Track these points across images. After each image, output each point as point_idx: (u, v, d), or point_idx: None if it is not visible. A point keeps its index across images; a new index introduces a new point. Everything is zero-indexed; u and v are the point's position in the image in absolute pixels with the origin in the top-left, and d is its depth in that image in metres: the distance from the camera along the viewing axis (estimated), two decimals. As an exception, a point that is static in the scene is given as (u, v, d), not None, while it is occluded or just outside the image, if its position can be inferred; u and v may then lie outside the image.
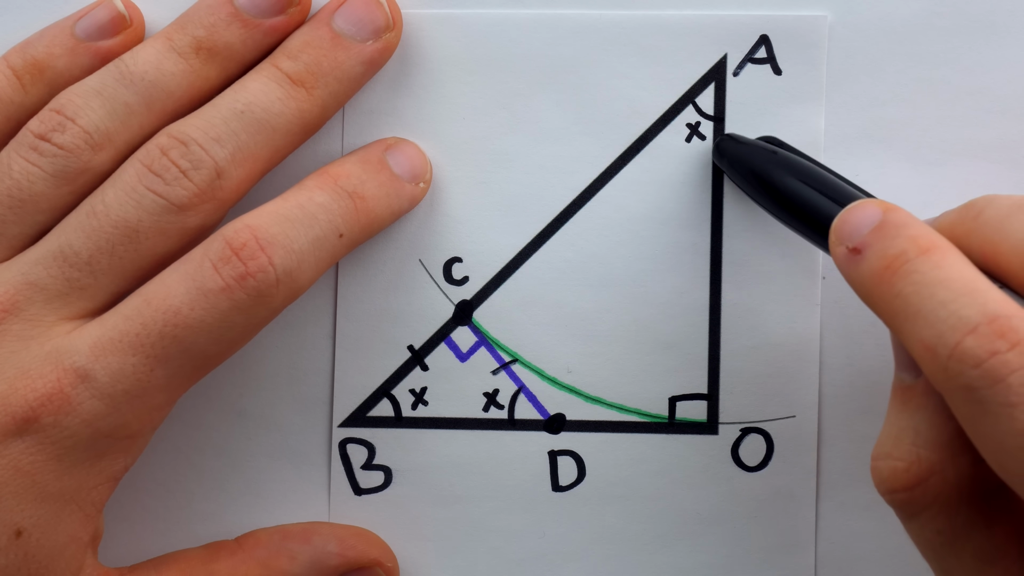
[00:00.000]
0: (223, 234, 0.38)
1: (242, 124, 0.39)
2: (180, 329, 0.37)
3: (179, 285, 0.37)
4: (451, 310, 0.43)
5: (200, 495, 0.43)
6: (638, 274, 0.43)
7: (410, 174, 0.41)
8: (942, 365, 0.31)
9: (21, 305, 0.38)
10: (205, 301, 0.37)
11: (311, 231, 0.38)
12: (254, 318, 0.37)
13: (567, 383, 0.43)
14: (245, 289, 0.37)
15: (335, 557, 0.42)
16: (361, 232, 0.40)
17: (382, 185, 0.40)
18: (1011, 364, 0.30)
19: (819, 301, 0.42)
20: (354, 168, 0.40)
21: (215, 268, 0.37)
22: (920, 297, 0.32)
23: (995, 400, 0.30)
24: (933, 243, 0.33)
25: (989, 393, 0.30)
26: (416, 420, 0.43)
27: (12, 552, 0.37)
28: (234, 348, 0.38)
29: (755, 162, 0.40)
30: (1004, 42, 0.42)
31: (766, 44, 0.42)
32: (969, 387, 0.31)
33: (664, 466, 0.43)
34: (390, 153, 0.41)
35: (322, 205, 0.39)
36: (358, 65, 0.40)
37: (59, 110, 0.39)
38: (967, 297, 0.31)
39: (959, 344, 0.31)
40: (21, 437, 0.37)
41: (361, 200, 0.40)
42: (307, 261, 0.38)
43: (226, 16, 0.40)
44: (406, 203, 0.41)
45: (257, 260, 0.37)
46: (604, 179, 0.43)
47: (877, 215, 0.34)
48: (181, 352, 0.37)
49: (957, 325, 0.31)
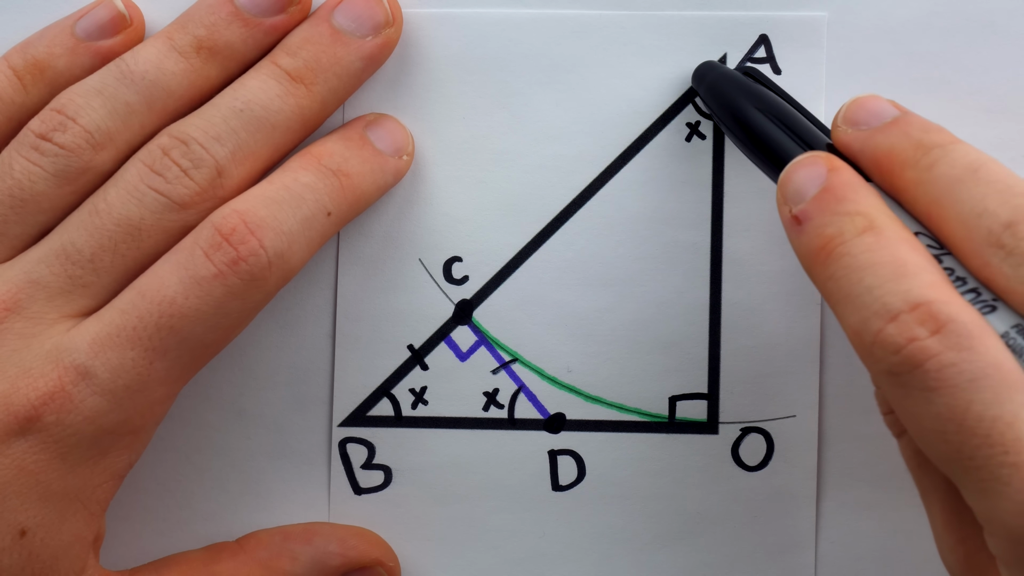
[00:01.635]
0: (212, 221, 0.38)
1: (241, 122, 0.39)
2: (176, 319, 0.37)
3: (172, 275, 0.37)
4: (451, 309, 0.43)
5: (200, 495, 0.43)
6: (638, 274, 0.43)
7: (392, 148, 0.41)
8: (867, 351, 0.32)
9: (23, 303, 0.38)
10: (199, 289, 0.37)
11: (299, 211, 0.38)
12: (249, 302, 0.38)
13: (567, 383, 0.43)
14: (238, 274, 0.37)
15: (336, 557, 0.42)
16: (349, 209, 0.40)
17: (365, 161, 0.41)
18: (929, 350, 0.31)
19: (820, 300, 0.42)
20: (336, 146, 0.40)
21: (206, 255, 0.37)
22: (850, 282, 0.33)
23: (915, 385, 0.31)
24: (871, 222, 0.33)
25: (909, 378, 0.31)
26: (416, 419, 0.43)
27: (16, 552, 0.37)
28: (232, 335, 0.38)
29: (728, 90, 0.40)
30: (1004, 42, 0.42)
31: (765, 44, 0.42)
32: (891, 372, 0.32)
33: (664, 466, 0.43)
34: (370, 129, 0.41)
35: (308, 185, 0.39)
36: (358, 61, 0.40)
37: (60, 110, 0.39)
38: (894, 283, 0.32)
39: (881, 331, 0.32)
40: (24, 436, 0.37)
41: (346, 177, 0.40)
42: (298, 242, 0.38)
43: (227, 15, 0.40)
44: (391, 177, 0.41)
45: (248, 244, 0.37)
46: (604, 178, 0.43)
47: (821, 175, 0.35)
48: (179, 342, 0.37)
49: (880, 312, 0.32)
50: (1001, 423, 0.30)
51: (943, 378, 0.31)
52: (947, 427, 0.31)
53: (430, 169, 0.43)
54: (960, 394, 0.31)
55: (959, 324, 0.31)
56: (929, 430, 0.31)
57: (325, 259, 0.43)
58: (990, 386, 0.30)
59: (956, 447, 0.31)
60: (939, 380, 0.31)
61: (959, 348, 0.31)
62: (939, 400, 0.31)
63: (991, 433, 0.30)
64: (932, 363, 0.31)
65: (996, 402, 0.30)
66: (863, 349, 0.32)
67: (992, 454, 0.30)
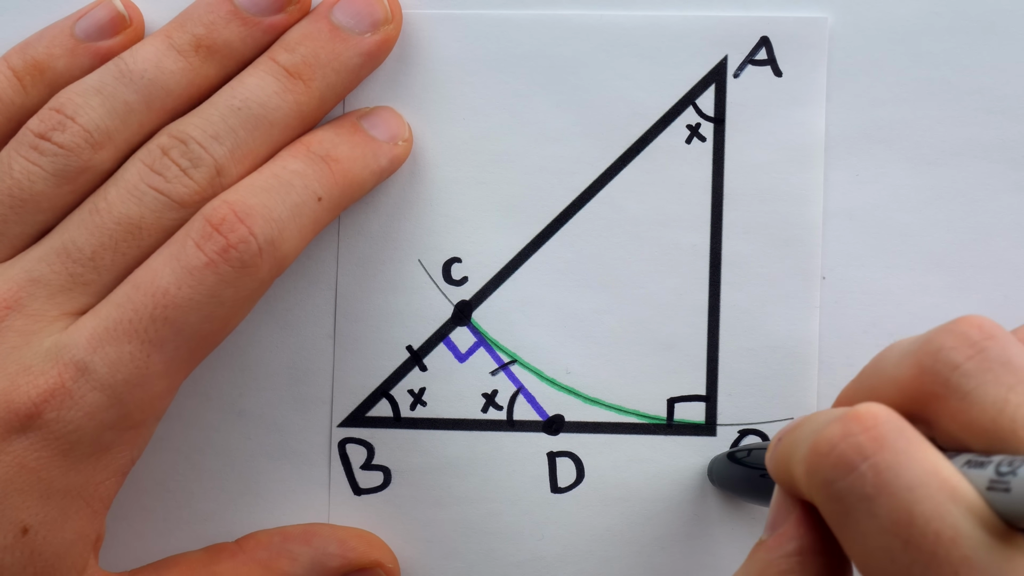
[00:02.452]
0: (203, 213, 0.38)
1: (240, 120, 0.39)
2: (170, 310, 0.37)
3: (165, 267, 0.37)
4: (450, 310, 0.43)
5: (199, 495, 0.43)
6: (637, 275, 0.43)
7: (387, 134, 0.41)
8: (807, 470, 0.30)
9: (24, 301, 0.38)
10: (191, 278, 0.37)
11: (288, 198, 0.38)
12: (243, 290, 0.38)
13: (566, 384, 0.43)
14: (229, 261, 0.37)
15: (336, 558, 0.41)
16: (341, 194, 0.40)
17: (356, 146, 0.41)
18: (862, 448, 0.29)
19: (818, 303, 0.42)
20: (326, 134, 0.40)
21: (197, 245, 0.37)
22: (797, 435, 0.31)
23: (852, 493, 0.29)
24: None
25: (844, 485, 0.29)
26: (415, 421, 0.43)
27: (18, 550, 0.37)
28: (228, 326, 0.38)
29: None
30: (1004, 42, 0.42)
31: (766, 46, 0.42)
32: (827, 481, 0.29)
33: (663, 467, 0.43)
34: (365, 119, 0.41)
35: (296, 171, 0.39)
36: (356, 57, 0.41)
37: (59, 109, 0.39)
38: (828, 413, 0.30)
39: (817, 435, 0.30)
40: (25, 434, 0.37)
41: (335, 162, 0.40)
42: (288, 228, 0.38)
43: (225, 14, 0.40)
44: (385, 162, 0.41)
45: (237, 232, 0.37)
46: (604, 180, 0.43)
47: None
48: (175, 333, 0.37)
49: (822, 426, 0.30)
50: (945, 542, 0.28)
51: (881, 483, 0.28)
52: (893, 544, 0.28)
53: (430, 170, 0.43)
54: (899, 505, 0.28)
55: (891, 426, 0.29)
56: (876, 549, 0.28)
57: (325, 259, 0.43)
58: (929, 495, 0.28)
59: (906, 568, 0.28)
60: (876, 486, 0.28)
61: (893, 451, 0.28)
62: (880, 512, 0.28)
63: (936, 552, 0.28)
64: (866, 466, 0.28)
65: (937, 516, 0.28)
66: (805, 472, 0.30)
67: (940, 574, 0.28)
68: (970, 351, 0.30)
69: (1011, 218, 0.42)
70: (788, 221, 0.42)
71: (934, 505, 0.28)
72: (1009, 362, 0.29)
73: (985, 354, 0.29)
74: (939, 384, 0.30)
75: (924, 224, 0.42)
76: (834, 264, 0.42)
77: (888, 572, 0.28)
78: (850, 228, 0.42)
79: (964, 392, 0.29)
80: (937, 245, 0.42)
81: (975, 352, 0.30)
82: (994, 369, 0.29)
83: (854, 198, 0.42)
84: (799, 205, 0.42)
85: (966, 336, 0.30)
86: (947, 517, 0.28)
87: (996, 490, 0.27)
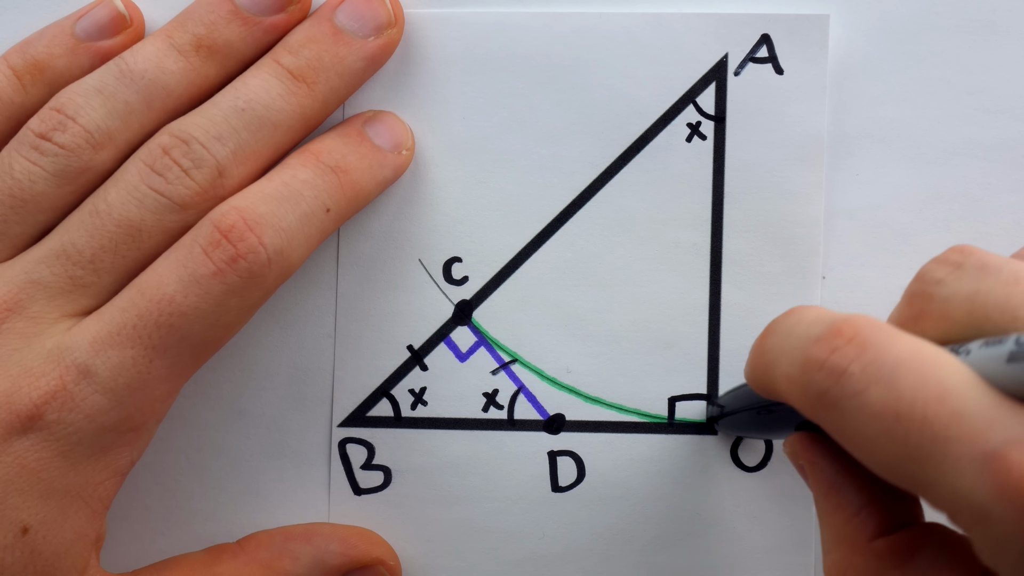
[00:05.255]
0: (211, 218, 0.38)
1: (243, 121, 0.39)
2: (175, 317, 0.37)
3: (171, 273, 0.37)
4: (451, 310, 0.43)
5: (200, 495, 0.43)
6: (638, 274, 0.43)
7: (391, 143, 0.41)
8: (800, 386, 0.31)
9: (24, 303, 0.38)
10: (198, 287, 0.37)
11: (298, 208, 0.38)
12: (248, 299, 0.38)
13: (567, 383, 0.43)
14: (237, 271, 0.37)
15: (338, 556, 0.41)
16: (348, 206, 0.40)
17: (364, 157, 0.41)
18: (849, 354, 0.30)
19: (819, 301, 0.42)
20: (335, 143, 0.40)
21: (205, 253, 0.37)
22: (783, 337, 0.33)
23: (843, 395, 0.30)
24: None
25: (836, 390, 0.30)
26: (415, 420, 0.43)
27: (18, 549, 0.37)
28: (231, 332, 0.38)
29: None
30: (1004, 42, 0.42)
31: (767, 43, 0.42)
32: (821, 392, 0.31)
33: (663, 466, 0.43)
34: (369, 125, 0.41)
35: (307, 182, 0.39)
36: (359, 60, 0.40)
37: (59, 109, 0.39)
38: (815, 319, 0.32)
39: (805, 354, 0.31)
40: (26, 435, 0.37)
41: (344, 173, 0.40)
42: (297, 238, 0.38)
43: (226, 14, 0.40)
44: (390, 172, 0.41)
45: (247, 241, 0.37)
46: (604, 179, 0.43)
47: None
48: (179, 340, 0.37)
49: (806, 341, 0.31)
50: (933, 402, 0.29)
51: (868, 375, 0.30)
52: (887, 424, 0.29)
53: (430, 169, 0.43)
54: (886, 385, 0.29)
55: (873, 328, 0.31)
56: (873, 437, 0.30)
57: (325, 259, 0.43)
58: (912, 369, 0.29)
59: (903, 443, 0.29)
60: (864, 379, 0.30)
61: (876, 346, 0.30)
62: (871, 400, 0.30)
63: (926, 415, 0.29)
64: (855, 366, 0.30)
65: (922, 384, 0.29)
66: (797, 388, 0.32)
67: (935, 435, 0.29)
68: (950, 267, 0.32)
69: (1011, 218, 0.42)
70: (789, 220, 0.42)
71: (917, 376, 0.29)
72: (985, 266, 0.31)
73: (963, 266, 0.32)
74: (925, 300, 0.32)
75: (924, 224, 0.42)
76: (834, 264, 0.42)
77: (890, 455, 0.30)
78: (850, 228, 0.42)
79: (944, 298, 0.32)
80: (937, 245, 0.42)
81: (954, 267, 0.32)
82: (970, 274, 0.31)
83: (854, 198, 0.42)
84: (800, 204, 0.42)
85: (947, 258, 0.32)
86: (931, 383, 0.29)
87: (1018, 360, 0.29)
